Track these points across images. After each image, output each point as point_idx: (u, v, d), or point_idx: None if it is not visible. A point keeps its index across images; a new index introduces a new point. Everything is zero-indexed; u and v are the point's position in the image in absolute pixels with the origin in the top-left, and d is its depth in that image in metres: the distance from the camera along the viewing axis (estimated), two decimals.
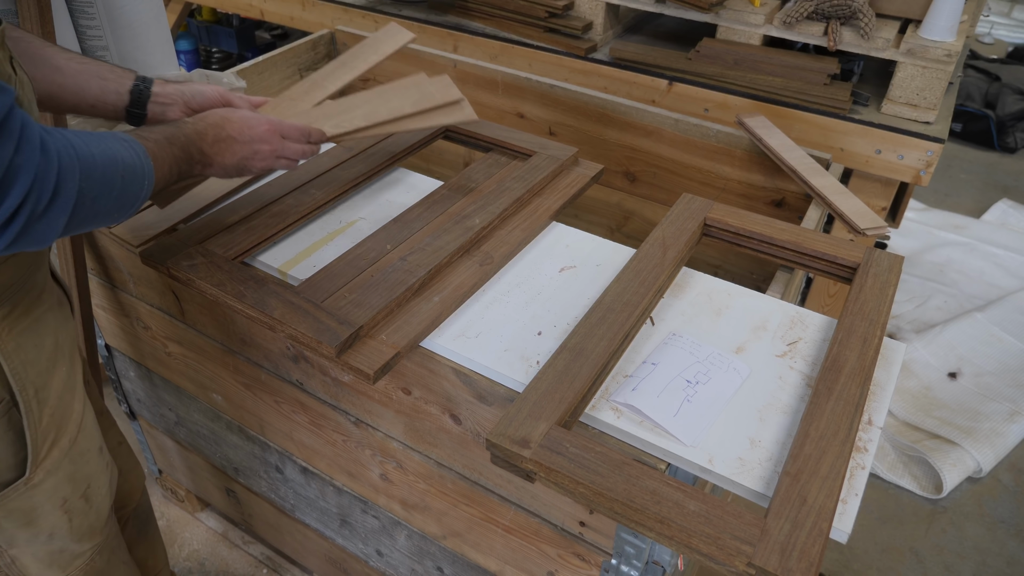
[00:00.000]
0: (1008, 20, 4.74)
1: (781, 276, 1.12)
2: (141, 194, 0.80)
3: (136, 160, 0.79)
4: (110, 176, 0.74)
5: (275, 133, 0.98)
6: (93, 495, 0.98)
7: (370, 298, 0.95)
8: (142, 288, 1.28)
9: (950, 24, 1.56)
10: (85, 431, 0.96)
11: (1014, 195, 3.33)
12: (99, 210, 0.74)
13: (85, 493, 0.96)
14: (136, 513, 1.30)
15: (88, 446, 0.97)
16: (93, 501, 0.98)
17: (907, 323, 2.51)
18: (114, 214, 0.78)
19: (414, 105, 1.12)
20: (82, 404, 0.96)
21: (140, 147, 0.80)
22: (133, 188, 0.78)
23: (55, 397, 0.90)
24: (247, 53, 3.58)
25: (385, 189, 1.26)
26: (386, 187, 1.26)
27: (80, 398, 0.96)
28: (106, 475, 1.02)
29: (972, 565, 1.82)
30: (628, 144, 1.59)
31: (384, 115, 1.10)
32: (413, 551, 1.27)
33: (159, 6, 1.42)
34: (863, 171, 1.65)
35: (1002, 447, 2.05)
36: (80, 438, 0.95)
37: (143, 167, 0.80)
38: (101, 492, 1.00)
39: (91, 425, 0.98)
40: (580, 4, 1.92)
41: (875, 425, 0.86)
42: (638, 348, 0.94)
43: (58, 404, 0.90)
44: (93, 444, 0.98)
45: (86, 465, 0.96)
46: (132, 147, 0.79)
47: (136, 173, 0.78)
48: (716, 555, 0.70)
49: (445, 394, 0.96)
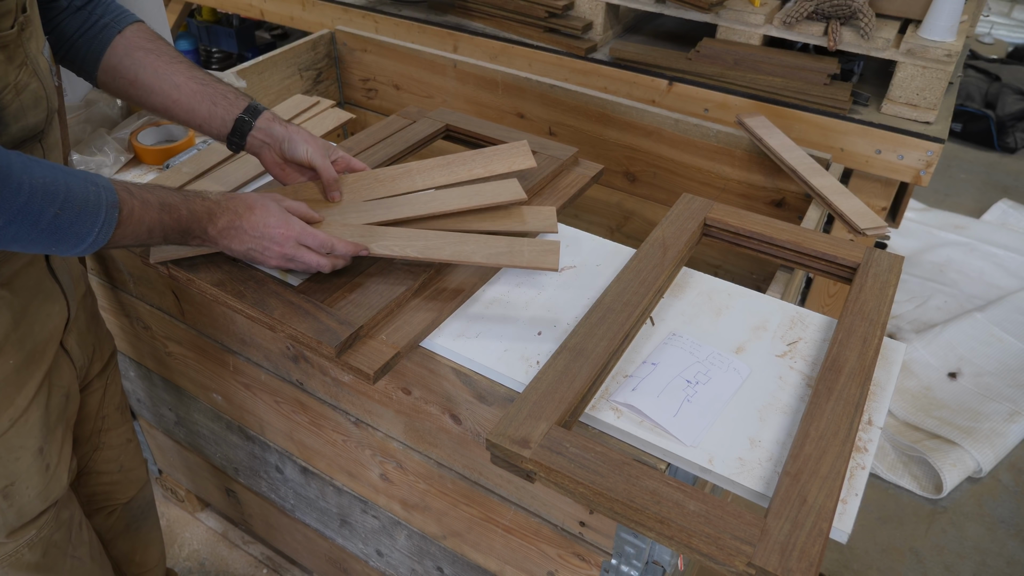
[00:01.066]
0: (1008, 20, 4.74)
1: (781, 276, 1.12)
2: (88, 237, 0.78)
3: (95, 202, 0.77)
4: (37, 203, 0.72)
5: (291, 239, 0.94)
6: (15, 494, 0.94)
7: (370, 298, 0.95)
8: (142, 288, 1.28)
9: (950, 24, 1.56)
10: (20, 429, 0.93)
11: (1014, 195, 3.33)
12: (14, 234, 0.73)
13: (5, 490, 0.93)
14: (128, 507, 1.30)
15: (20, 444, 0.93)
16: (14, 500, 0.94)
17: (907, 323, 2.51)
18: (40, 242, 0.76)
19: (489, 258, 0.96)
20: (27, 401, 0.93)
21: (112, 196, 0.79)
22: (75, 227, 0.76)
23: None
24: (247, 53, 3.58)
25: None
26: None
27: (27, 395, 0.93)
28: (42, 479, 0.97)
29: (972, 565, 1.82)
30: (628, 144, 1.60)
31: (447, 255, 0.96)
32: (413, 551, 1.27)
33: (159, 6, 1.41)
34: (863, 171, 1.65)
35: (1002, 447, 2.05)
36: (11, 434, 0.92)
37: (99, 213, 0.78)
38: (28, 494, 0.96)
39: (35, 426, 0.95)
40: (580, 4, 1.92)
41: (875, 425, 0.86)
42: (638, 348, 0.94)
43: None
44: (29, 444, 0.94)
45: (12, 463, 0.93)
46: (99, 191, 0.78)
47: (85, 214, 0.77)
48: (716, 555, 0.70)
49: (445, 394, 0.96)
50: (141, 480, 1.32)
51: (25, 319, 0.92)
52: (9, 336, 0.89)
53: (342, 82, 1.94)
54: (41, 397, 0.96)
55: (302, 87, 1.81)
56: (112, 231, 0.80)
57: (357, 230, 1.00)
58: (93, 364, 1.13)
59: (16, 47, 0.80)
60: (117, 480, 1.26)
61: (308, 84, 1.83)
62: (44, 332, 0.95)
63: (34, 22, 0.85)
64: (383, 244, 0.97)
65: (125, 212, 0.81)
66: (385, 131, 1.34)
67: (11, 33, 0.79)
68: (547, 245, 0.97)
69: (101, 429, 1.20)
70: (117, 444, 1.24)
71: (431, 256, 0.96)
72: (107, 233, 0.79)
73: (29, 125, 0.84)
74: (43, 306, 0.95)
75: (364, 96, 1.94)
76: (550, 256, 0.96)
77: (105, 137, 1.28)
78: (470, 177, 1.15)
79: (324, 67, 1.87)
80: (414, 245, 0.97)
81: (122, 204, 0.80)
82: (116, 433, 1.23)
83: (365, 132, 1.34)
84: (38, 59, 0.85)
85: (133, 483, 1.29)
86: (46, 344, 0.96)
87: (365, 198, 1.08)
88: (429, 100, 1.82)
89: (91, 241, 0.79)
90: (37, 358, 0.95)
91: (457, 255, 0.96)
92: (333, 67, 1.90)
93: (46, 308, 0.96)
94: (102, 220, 0.78)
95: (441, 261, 0.97)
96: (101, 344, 1.16)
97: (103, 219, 0.78)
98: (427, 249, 0.96)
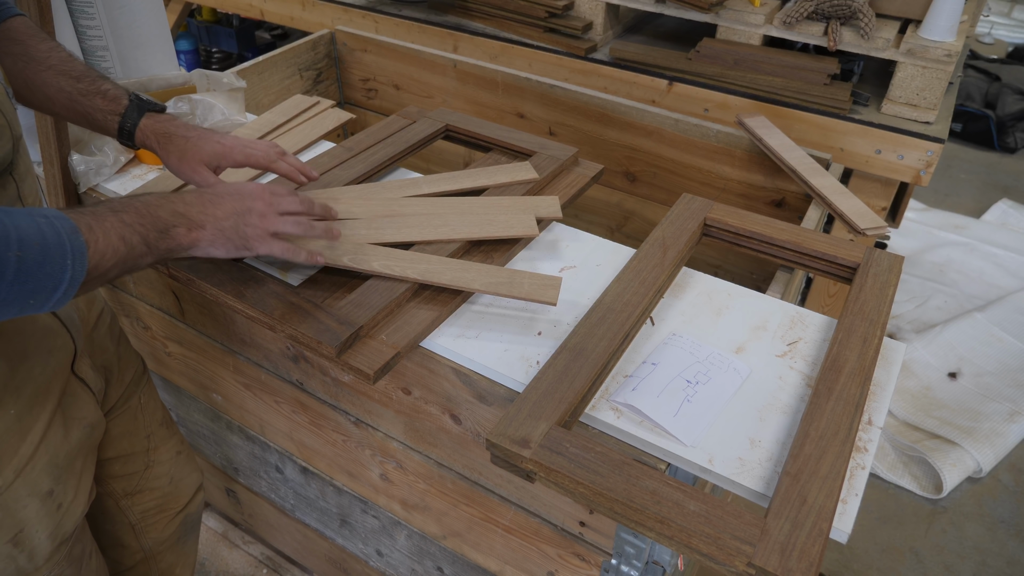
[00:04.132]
0: (1008, 20, 4.74)
1: (781, 276, 1.12)
2: (63, 275, 0.68)
3: (52, 233, 0.67)
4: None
5: (265, 189, 0.90)
6: (26, 540, 0.90)
7: (370, 298, 0.95)
8: (142, 288, 1.28)
9: (950, 24, 1.56)
10: (27, 477, 0.87)
11: (1014, 195, 3.33)
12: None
13: (15, 538, 0.88)
14: (182, 518, 1.27)
15: (27, 492, 0.88)
16: (25, 545, 0.90)
17: (907, 323, 2.51)
18: (14, 300, 0.65)
19: (489, 287, 0.96)
20: (33, 448, 0.87)
21: (66, 222, 0.69)
22: (45, 267, 0.66)
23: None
24: (247, 53, 3.58)
25: None
26: None
27: (32, 442, 0.87)
28: (52, 520, 0.92)
29: (972, 565, 1.82)
30: (628, 144, 1.60)
31: (446, 280, 0.96)
32: (413, 551, 1.27)
33: (159, 6, 1.41)
34: (863, 171, 1.65)
35: (1002, 447, 2.05)
36: (16, 484, 0.86)
37: (62, 244, 0.68)
38: (39, 537, 0.91)
39: (43, 471, 0.89)
40: (580, 4, 1.92)
41: (875, 425, 0.86)
42: (638, 348, 0.94)
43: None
44: (37, 490, 0.89)
45: (21, 511, 0.88)
46: (50, 221, 0.68)
47: (48, 249, 0.67)
48: (716, 555, 0.70)
49: (445, 394, 0.96)
50: (194, 486, 1.28)
51: (24, 364, 0.86)
52: (7, 385, 0.83)
53: (342, 82, 1.94)
54: (51, 438, 0.91)
55: (302, 87, 1.81)
56: (86, 259, 0.70)
57: (360, 248, 1.00)
58: (112, 386, 1.09)
59: None
60: (168, 492, 1.23)
61: (308, 84, 1.83)
62: (47, 372, 0.89)
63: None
64: (384, 264, 0.98)
65: (84, 229, 0.71)
66: (385, 131, 1.34)
67: None
68: (548, 280, 0.97)
69: (149, 448, 1.17)
70: (167, 459, 1.21)
71: (431, 280, 0.96)
72: (82, 264, 0.70)
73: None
74: (42, 344, 0.89)
75: (364, 96, 1.94)
76: (550, 291, 0.95)
77: (105, 137, 1.28)
78: (474, 185, 1.17)
79: (324, 67, 1.87)
80: (415, 268, 0.97)
81: (78, 223, 0.71)
82: (165, 449, 1.20)
83: (365, 132, 1.34)
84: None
85: (184, 491, 1.26)
86: (49, 383, 0.90)
87: (369, 206, 1.09)
88: (429, 100, 1.82)
89: (68, 278, 0.69)
90: (41, 400, 0.89)
91: (456, 281, 0.96)
92: (333, 67, 1.90)
93: (46, 345, 0.90)
94: (69, 250, 0.68)
95: (441, 285, 0.97)
96: (121, 362, 1.11)
97: (70, 248, 0.68)
98: (428, 272, 0.97)
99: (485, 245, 1.07)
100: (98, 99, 0.99)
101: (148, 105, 1.01)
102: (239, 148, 1.01)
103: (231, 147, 1.00)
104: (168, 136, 0.99)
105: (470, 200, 1.13)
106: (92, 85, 0.99)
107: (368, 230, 1.05)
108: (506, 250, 1.06)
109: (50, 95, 0.97)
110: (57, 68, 0.97)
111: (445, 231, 1.05)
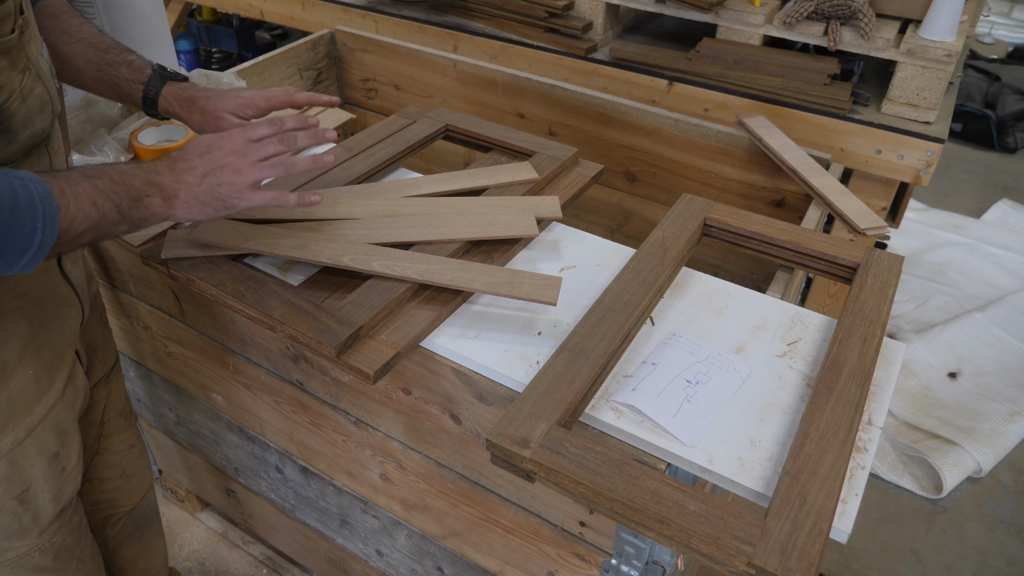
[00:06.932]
0: (1008, 20, 4.74)
1: (781, 276, 1.12)
2: (34, 237, 0.70)
3: (24, 195, 0.69)
4: None
5: (238, 138, 0.88)
6: (31, 499, 0.94)
7: (370, 298, 0.95)
8: (142, 288, 1.28)
9: (950, 24, 1.56)
10: (37, 436, 0.91)
11: (1014, 195, 3.33)
12: None
13: (21, 495, 0.92)
14: (132, 515, 1.29)
15: (36, 451, 0.92)
16: (30, 504, 0.94)
17: (907, 323, 2.51)
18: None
19: (489, 287, 0.96)
20: (47, 409, 0.91)
21: (41, 186, 0.71)
22: (16, 228, 0.68)
23: (4, 398, 0.86)
24: (247, 53, 3.58)
25: None
26: None
27: (47, 403, 0.91)
28: (56, 482, 0.96)
29: (972, 565, 1.82)
30: (628, 144, 1.60)
31: (446, 280, 0.96)
32: (413, 551, 1.27)
33: (159, 6, 1.42)
34: (863, 171, 1.65)
35: (1002, 447, 2.05)
36: (28, 442, 0.90)
37: (34, 205, 0.69)
38: (43, 498, 0.95)
39: (52, 432, 0.94)
40: (580, 4, 1.92)
41: (875, 425, 0.86)
42: (638, 348, 0.94)
43: (7, 405, 0.87)
44: (45, 450, 0.93)
45: (29, 469, 0.92)
46: (24, 183, 0.70)
47: (19, 212, 0.68)
48: (716, 555, 0.70)
49: (445, 394, 0.96)
50: (145, 485, 1.31)
51: (43, 329, 0.90)
52: (28, 346, 0.88)
53: (342, 82, 1.94)
54: (62, 402, 0.94)
55: (302, 87, 1.81)
56: (57, 223, 0.72)
57: (360, 248, 1.00)
58: (95, 367, 1.12)
59: (18, 51, 0.78)
60: (119, 486, 1.25)
61: (308, 84, 1.83)
62: (62, 339, 0.94)
63: (32, 24, 0.83)
64: (384, 264, 0.98)
65: (56, 192, 0.72)
66: (385, 131, 1.34)
67: (12, 38, 0.77)
68: (548, 280, 0.97)
69: (101, 435, 1.19)
70: (119, 449, 1.23)
71: (431, 280, 0.96)
72: (53, 228, 0.71)
73: (37, 131, 0.82)
74: (59, 311, 0.93)
75: (364, 96, 1.94)
76: (550, 291, 0.95)
77: (105, 137, 1.28)
78: (474, 185, 1.17)
79: (324, 67, 1.87)
80: (415, 268, 0.97)
81: (51, 186, 0.72)
82: (118, 439, 1.22)
83: (365, 132, 1.34)
84: (39, 62, 0.83)
85: (136, 489, 1.28)
86: (64, 349, 0.94)
87: (369, 206, 1.09)
88: (429, 100, 1.82)
89: (39, 241, 0.70)
90: (57, 364, 0.93)
91: (456, 281, 0.96)
92: (333, 67, 1.90)
93: (62, 313, 0.94)
94: (41, 213, 0.70)
95: (441, 285, 0.97)
96: (106, 346, 1.15)
97: (41, 212, 0.70)
98: (428, 272, 0.97)
99: (485, 245, 1.07)
100: (123, 69, 1.04)
101: (170, 75, 1.07)
102: (259, 95, 1.07)
103: (251, 96, 1.06)
104: (191, 99, 1.05)
105: (470, 200, 1.13)
106: (118, 56, 1.05)
107: (368, 230, 1.05)
108: (506, 250, 1.06)
109: (80, 66, 1.02)
110: (87, 41, 1.03)
111: (445, 231, 1.05)
